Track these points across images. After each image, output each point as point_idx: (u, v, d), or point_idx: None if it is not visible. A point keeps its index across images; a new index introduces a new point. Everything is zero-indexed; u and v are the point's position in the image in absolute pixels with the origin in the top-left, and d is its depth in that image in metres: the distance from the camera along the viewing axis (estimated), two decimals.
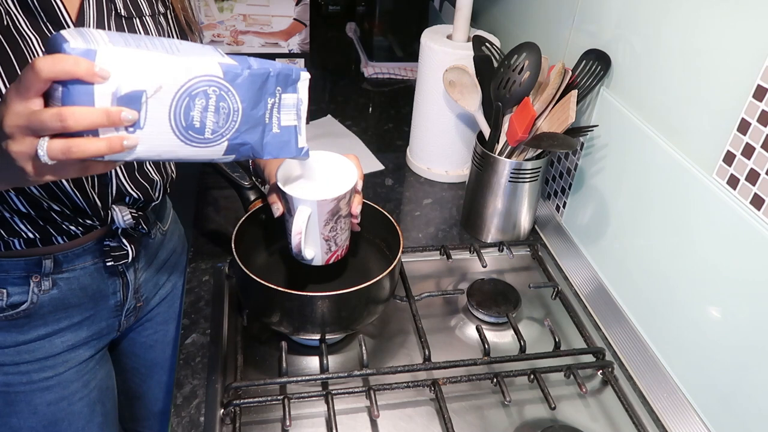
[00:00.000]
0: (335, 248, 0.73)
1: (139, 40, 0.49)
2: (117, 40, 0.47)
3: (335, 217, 0.69)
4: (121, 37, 0.48)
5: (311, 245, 0.71)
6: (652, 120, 0.77)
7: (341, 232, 0.72)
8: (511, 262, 0.96)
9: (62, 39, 0.45)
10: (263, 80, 0.56)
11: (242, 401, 0.68)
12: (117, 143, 0.47)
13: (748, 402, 0.63)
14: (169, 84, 0.49)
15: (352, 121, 1.34)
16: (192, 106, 0.51)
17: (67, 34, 0.46)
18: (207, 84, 0.51)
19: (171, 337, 0.99)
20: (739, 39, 0.62)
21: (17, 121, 0.45)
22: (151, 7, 0.72)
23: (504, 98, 0.89)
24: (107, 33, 0.48)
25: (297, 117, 0.62)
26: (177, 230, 0.97)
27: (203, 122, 0.52)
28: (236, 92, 0.54)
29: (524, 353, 0.76)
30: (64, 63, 0.44)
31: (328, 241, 0.71)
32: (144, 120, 0.49)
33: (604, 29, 0.86)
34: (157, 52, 0.49)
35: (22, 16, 0.60)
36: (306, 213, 0.66)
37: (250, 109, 0.56)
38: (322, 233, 0.70)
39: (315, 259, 0.73)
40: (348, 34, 1.83)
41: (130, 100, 0.47)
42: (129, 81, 0.47)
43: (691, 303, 0.70)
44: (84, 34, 0.46)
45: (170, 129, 0.51)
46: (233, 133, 0.55)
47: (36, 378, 0.79)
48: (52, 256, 0.73)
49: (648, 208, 0.77)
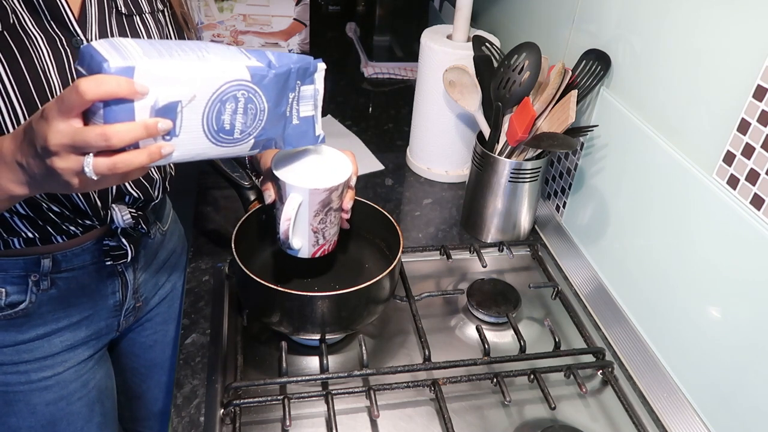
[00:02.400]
0: (323, 242, 0.73)
1: (169, 47, 0.50)
2: (149, 51, 0.48)
3: (326, 209, 0.69)
4: (152, 45, 0.49)
5: (299, 235, 0.71)
6: (652, 120, 0.77)
7: (330, 226, 0.72)
8: (511, 262, 0.96)
9: (100, 58, 0.46)
10: (286, 78, 0.57)
11: (242, 401, 0.68)
12: (156, 153, 0.50)
13: (748, 402, 0.63)
14: (202, 92, 0.51)
15: (352, 121, 1.34)
16: (223, 110, 0.53)
17: (102, 49, 0.47)
18: (237, 88, 0.53)
19: (171, 337, 0.99)
20: (739, 39, 0.62)
21: (62, 139, 0.47)
22: (150, 5, 0.73)
23: (504, 98, 0.89)
24: (137, 42, 0.49)
25: (314, 107, 0.63)
26: (177, 230, 0.97)
27: (233, 124, 0.54)
28: (263, 93, 0.55)
29: (524, 353, 0.76)
30: (107, 85, 0.45)
31: (317, 233, 0.71)
32: (179, 128, 0.51)
33: (604, 29, 0.86)
34: (189, 60, 0.50)
35: (27, 14, 0.61)
36: (297, 200, 0.67)
37: (275, 107, 0.58)
38: (311, 224, 0.70)
39: (302, 251, 0.73)
40: (348, 34, 1.83)
41: (166, 111, 0.49)
42: (166, 93, 0.49)
43: (691, 303, 0.70)
44: (118, 48, 0.47)
45: (203, 133, 0.53)
46: (260, 131, 0.57)
47: (35, 378, 0.79)
48: (51, 255, 0.73)
49: (648, 208, 0.77)
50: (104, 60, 0.46)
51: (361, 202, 0.80)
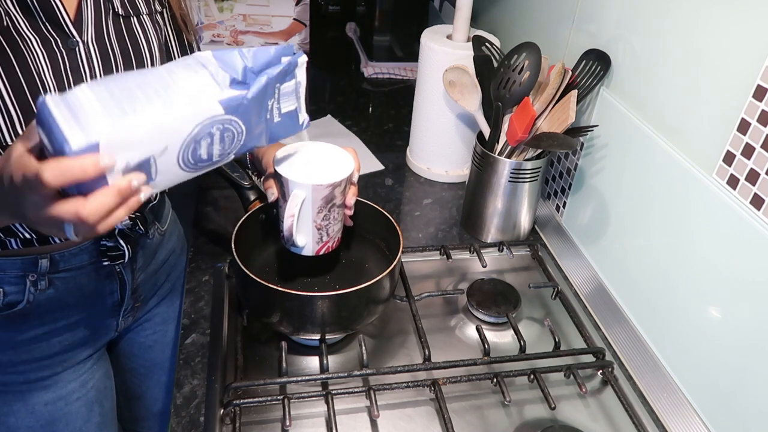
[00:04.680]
0: (327, 239, 0.73)
1: (130, 94, 0.46)
2: (109, 106, 0.45)
3: (329, 205, 0.69)
4: (111, 96, 0.46)
5: (303, 232, 0.71)
6: (652, 120, 0.77)
7: (334, 222, 0.72)
8: (511, 262, 0.96)
9: (59, 133, 0.43)
10: (264, 92, 0.54)
11: (242, 401, 0.68)
12: (135, 204, 0.49)
13: (748, 402, 0.63)
14: (174, 142, 0.49)
15: (352, 121, 1.33)
16: (198, 147, 0.51)
17: (59, 115, 0.43)
18: (210, 125, 0.51)
19: (170, 337, 0.99)
20: (739, 39, 0.62)
21: (39, 212, 0.47)
22: (148, 6, 0.72)
23: (504, 98, 0.89)
24: (94, 93, 0.45)
25: (296, 99, 0.61)
26: (176, 230, 0.96)
27: (210, 153, 0.53)
28: (239, 119, 0.53)
29: (524, 353, 0.76)
30: (72, 172, 0.44)
31: (320, 230, 0.71)
32: (155, 174, 0.49)
33: (604, 29, 0.86)
34: (155, 109, 0.47)
35: (21, 16, 0.60)
36: (300, 197, 0.67)
37: (255, 124, 0.56)
38: (315, 221, 0.70)
39: (306, 248, 0.73)
40: (348, 34, 1.83)
41: (139, 167, 0.48)
42: (136, 155, 0.47)
43: (691, 303, 0.70)
44: (75, 110, 0.44)
45: (180, 169, 0.52)
46: (239, 148, 0.56)
47: (33, 377, 0.79)
48: (49, 255, 0.72)
49: (648, 208, 0.77)
50: (65, 140, 0.43)
51: (361, 202, 0.80)
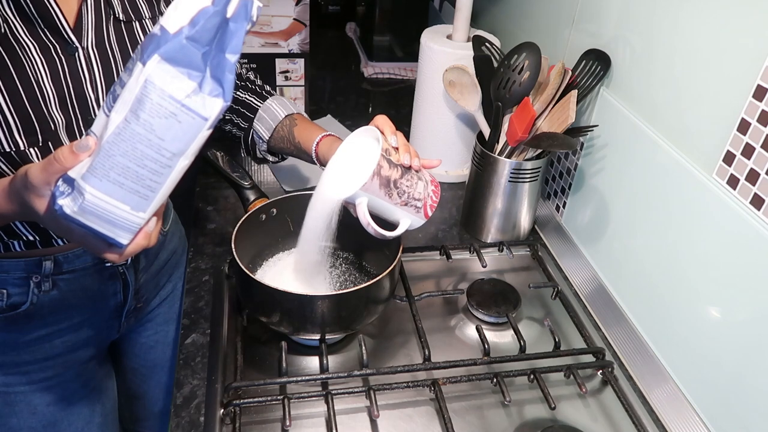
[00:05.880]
0: (420, 202, 0.70)
1: (140, 176, 0.50)
2: (132, 199, 0.52)
3: (392, 183, 0.67)
4: (119, 186, 0.50)
5: (401, 216, 0.70)
6: (652, 120, 0.77)
7: (412, 187, 0.69)
8: (511, 262, 0.96)
9: (111, 240, 0.53)
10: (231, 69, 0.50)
11: (242, 401, 0.68)
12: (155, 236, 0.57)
13: (748, 402, 0.63)
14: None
15: (352, 121, 1.33)
16: None
17: (102, 229, 0.52)
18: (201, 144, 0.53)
19: (171, 337, 0.99)
20: (739, 39, 0.62)
21: None
22: (152, 9, 0.71)
23: (504, 98, 0.89)
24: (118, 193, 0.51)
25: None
26: (177, 231, 0.97)
27: None
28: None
29: (524, 353, 0.76)
30: (135, 248, 0.56)
31: (408, 203, 0.69)
32: None
33: (604, 29, 0.86)
34: (164, 177, 0.51)
35: (20, 23, 0.59)
36: (363, 205, 0.67)
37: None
38: (396, 203, 0.68)
39: (413, 224, 0.71)
40: (348, 34, 1.83)
41: None
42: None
43: (691, 303, 0.70)
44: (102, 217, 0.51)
45: None
46: None
47: (36, 378, 0.79)
48: (52, 257, 0.72)
49: (648, 208, 0.77)
50: (116, 242, 0.53)
51: None
